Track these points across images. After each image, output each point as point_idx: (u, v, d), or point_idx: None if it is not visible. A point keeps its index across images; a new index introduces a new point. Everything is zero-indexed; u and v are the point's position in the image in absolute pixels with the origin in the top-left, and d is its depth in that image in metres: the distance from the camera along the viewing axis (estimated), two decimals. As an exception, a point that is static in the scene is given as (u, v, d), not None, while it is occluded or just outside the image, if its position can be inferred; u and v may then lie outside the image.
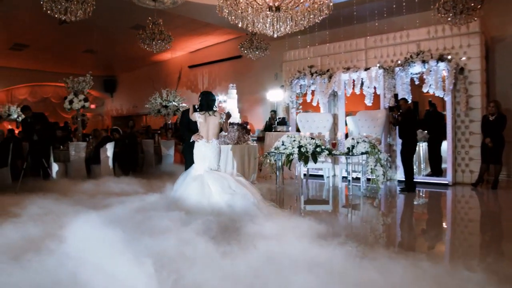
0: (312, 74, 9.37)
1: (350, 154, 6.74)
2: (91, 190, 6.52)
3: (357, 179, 7.31)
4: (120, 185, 7.13)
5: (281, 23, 5.31)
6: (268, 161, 7.64)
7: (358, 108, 9.26)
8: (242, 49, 9.31)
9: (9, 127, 14.32)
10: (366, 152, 6.72)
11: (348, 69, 8.86)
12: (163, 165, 10.52)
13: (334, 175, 8.33)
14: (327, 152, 6.81)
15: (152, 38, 8.14)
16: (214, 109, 5.52)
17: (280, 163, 7.63)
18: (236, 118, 8.60)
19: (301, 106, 10.00)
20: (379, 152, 6.70)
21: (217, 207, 4.65)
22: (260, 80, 12.43)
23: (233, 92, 8.78)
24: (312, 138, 7.04)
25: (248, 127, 8.80)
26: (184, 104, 12.23)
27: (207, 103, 5.34)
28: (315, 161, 6.83)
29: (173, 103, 11.54)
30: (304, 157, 6.84)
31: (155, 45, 8.19)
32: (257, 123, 12.35)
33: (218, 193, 4.84)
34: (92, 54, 14.41)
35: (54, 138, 8.23)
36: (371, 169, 6.63)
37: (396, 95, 7.59)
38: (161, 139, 10.66)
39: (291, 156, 7.02)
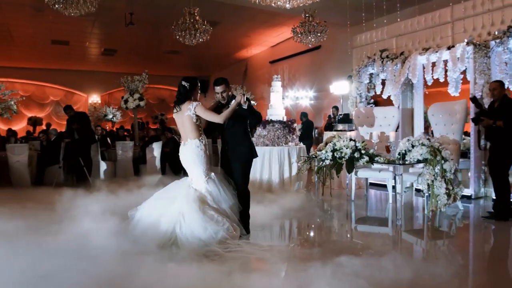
0: (382, 60, 7.43)
1: (400, 162, 4.84)
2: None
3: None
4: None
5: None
6: (306, 167, 6.15)
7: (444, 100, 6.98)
8: (295, 34, 7.87)
9: (107, 127, 15.44)
10: (425, 160, 4.73)
11: (426, 49, 6.71)
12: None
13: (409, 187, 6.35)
14: (366, 158, 5.03)
15: (184, 29, 7.35)
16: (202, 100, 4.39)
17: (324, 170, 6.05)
18: (279, 115, 7.27)
19: (372, 100, 8.08)
20: (442, 161, 4.63)
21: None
22: (342, 73, 10.70)
23: (277, 85, 7.45)
24: (353, 140, 5.32)
25: (295, 125, 7.37)
26: (253, 102, 11.29)
27: (177, 94, 4.23)
28: (350, 169, 5.12)
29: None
30: (336, 165, 5.20)
31: (190, 36, 7.39)
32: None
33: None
34: (177, 54, 14.61)
35: (93, 138, 8.12)
36: (428, 184, 4.62)
37: (474, 99, 5.28)
38: (218, 139, 9.92)
39: (322, 162, 5.44)
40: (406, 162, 4.81)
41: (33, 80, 16.09)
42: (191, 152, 4.04)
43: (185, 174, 4.34)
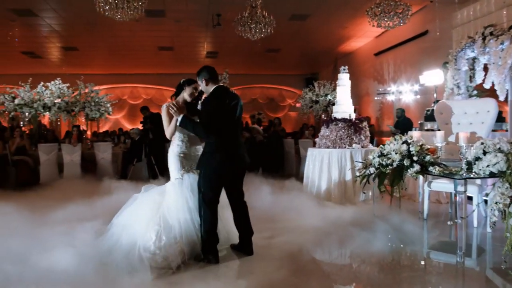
0: (484, 38, 5.73)
1: (464, 174, 3.49)
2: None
3: None
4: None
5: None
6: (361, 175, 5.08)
7: None
8: (372, 16, 6.66)
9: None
10: (501, 173, 3.30)
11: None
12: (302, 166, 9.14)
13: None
14: (416, 168, 3.79)
15: (243, 23, 6.88)
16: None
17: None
18: (345, 112, 6.24)
19: (475, 92, 6.34)
20: (525, 175, 3.15)
21: None
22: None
23: (344, 78, 6.39)
24: (406, 143, 4.10)
25: (364, 124, 6.23)
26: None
27: None
28: (395, 181, 3.94)
29: (328, 97, 9.77)
30: (380, 175, 4.08)
31: (250, 30, 6.89)
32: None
33: None
34: (277, 52, 14.28)
35: (166, 138, 8.32)
36: (501, 209, 3.19)
37: None
38: (300, 139, 9.22)
39: (365, 171, 4.36)
40: (472, 175, 3.45)
41: (153, 84, 17.81)
42: (169, 153, 3.78)
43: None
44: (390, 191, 4.75)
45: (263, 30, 6.84)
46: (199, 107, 3.78)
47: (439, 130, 5.95)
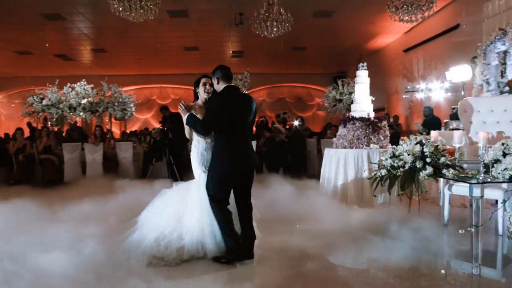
0: (515, 30, 5.32)
1: (480, 179, 3.20)
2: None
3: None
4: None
5: None
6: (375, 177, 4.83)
7: None
8: (393, 10, 6.34)
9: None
10: (522, 177, 3.01)
11: None
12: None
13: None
14: (429, 170, 3.53)
15: (260, 21, 6.74)
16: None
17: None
18: (363, 111, 5.98)
19: (507, 88, 5.89)
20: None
21: None
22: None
23: (363, 75, 6.11)
24: (420, 143, 3.84)
25: (384, 123, 5.95)
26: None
27: None
28: (406, 185, 3.69)
29: (352, 96, 9.47)
30: (391, 178, 3.84)
31: (267, 28, 6.75)
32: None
33: None
34: (303, 50, 14.06)
35: (185, 138, 8.34)
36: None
37: None
38: (322, 139, 8.98)
39: (376, 172, 4.12)
40: (489, 179, 3.16)
41: (181, 84, 18.02)
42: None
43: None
44: (408, 194, 4.49)
45: (279, 28, 6.67)
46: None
47: (463, 129, 5.59)
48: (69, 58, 13.76)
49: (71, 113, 8.62)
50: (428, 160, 3.62)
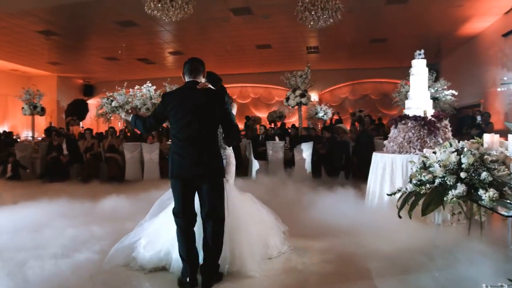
0: None
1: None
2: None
3: None
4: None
5: None
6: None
7: None
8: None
9: (319, 125, 15.32)
10: None
11: None
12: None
13: None
14: (461, 189, 2.69)
15: (303, 10, 6.13)
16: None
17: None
18: (418, 108, 5.04)
19: None
20: None
21: None
22: None
23: (419, 65, 5.13)
24: (458, 152, 2.99)
25: (444, 123, 4.94)
26: (451, 91, 8.47)
27: None
28: (430, 207, 2.88)
29: (430, 90, 8.23)
30: (414, 197, 3.06)
31: (312, 17, 6.11)
32: None
33: None
34: (384, 42, 12.84)
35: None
36: None
37: None
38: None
39: (403, 188, 3.35)
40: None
41: (260, 83, 17.95)
42: None
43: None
44: (467, 213, 3.63)
45: (325, 17, 6.02)
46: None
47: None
48: (151, 61, 14.62)
49: (135, 114, 9.02)
50: (462, 175, 2.79)
